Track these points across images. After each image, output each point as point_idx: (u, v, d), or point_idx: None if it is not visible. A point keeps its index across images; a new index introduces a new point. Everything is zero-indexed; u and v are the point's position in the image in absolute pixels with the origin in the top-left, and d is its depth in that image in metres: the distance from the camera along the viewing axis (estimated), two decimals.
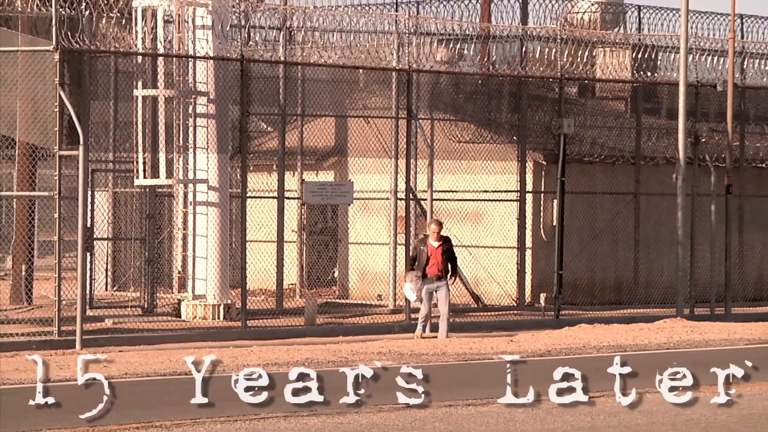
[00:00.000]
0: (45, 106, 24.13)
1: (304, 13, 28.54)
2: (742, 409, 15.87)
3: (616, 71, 32.06)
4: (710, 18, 32.60)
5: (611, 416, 15.19)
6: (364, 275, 31.67)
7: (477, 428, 14.35)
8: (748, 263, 32.67)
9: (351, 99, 31.15)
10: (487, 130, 30.75)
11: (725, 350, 23.55)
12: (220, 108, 26.60)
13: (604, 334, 25.44)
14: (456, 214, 30.26)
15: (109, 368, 19.63)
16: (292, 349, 22.60)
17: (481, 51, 31.10)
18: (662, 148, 31.76)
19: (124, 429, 13.90)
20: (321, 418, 14.77)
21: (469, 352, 22.36)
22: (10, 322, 25.23)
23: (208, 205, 26.54)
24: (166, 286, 28.89)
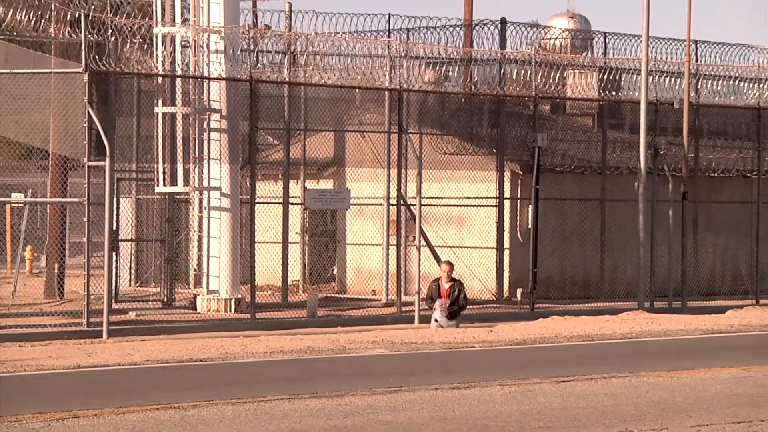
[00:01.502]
0: (75, 121, 24.14)
1: (306, 39, 28.57)
2: (697, 392, 15.89)
3: (585, 91, 32.10)
4: (668, 43, 32.66)
5: (580, 398, 15.20)
6: (360, 272, 31.71)
7: (460, 409, 14.35)
8: (701, 262, 32.70)
9: (348, 115, 31.20)
10: (470, 143, 30.79)
11: (682, 339, 23.56)
12: (232, 123, 26.61)
13: (573, 325, 25.45)
14: (442, 218, 30.31)
15: (132, 356, 19.66)
16: (295, 338, 22.60)
17: (464, 73, 31.13)
18: (625, 160, 31.79)
19: (146, 410, 13.88)
20: (321, 400, 14.77)
21: (454, 341, 22.35)
22: (44, 314, 25.25)
23: (221, 210, 26.56)
24: (183, 282, 28.89)
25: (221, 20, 26.37)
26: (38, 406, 14.03)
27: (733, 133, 33.83)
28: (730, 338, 23.68)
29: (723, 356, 20.03)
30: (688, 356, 20.29)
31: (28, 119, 25.79)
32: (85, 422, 13.14)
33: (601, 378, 17.01)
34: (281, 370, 18.39)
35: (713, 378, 17.26)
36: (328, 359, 19.74)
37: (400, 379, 16.72)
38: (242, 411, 13.93)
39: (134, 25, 25.85)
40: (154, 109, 26.26)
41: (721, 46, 33.78)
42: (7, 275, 33.53)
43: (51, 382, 16.81)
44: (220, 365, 18.83)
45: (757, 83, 33.65)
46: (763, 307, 30.78)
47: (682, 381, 16.92)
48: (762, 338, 23.88)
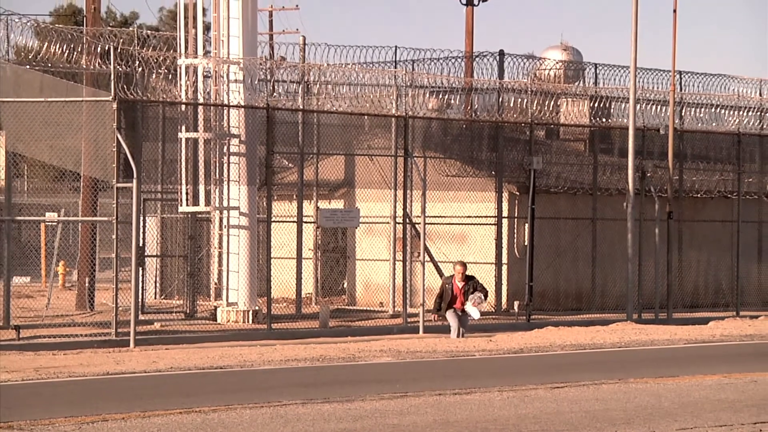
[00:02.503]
0: (105, 146, 24.18)
1: (319, 70, 28.62)
2: (682, 397, 15.87)
3: (577, 118, 32.11)
4: (654, 73, 32.69)
5: (573, 403, 15.18)
6: (368, 286, 31.70)
7: (462, 413, 14.34)
8: (686, 276, 32.67)
9: (358, 140, 31.23)
10: (470, 166, 30.81)
11: (668, 348, 23.54)
12: (250, 148, 26.65)
13: (567, 335, 25.44)
14: (444, 235, 30.31)
15: (157, 363, 19.66)
16: (309, 347, 22.60)
17: (465, 101, 31.17)
18: (615, 181, 31.79)
19: (170, 414, 13.89)
20: (333, 404, 14.78)
21: (455, 350, 22.35)
22: (76, 325, 25.27)
23: (240, 228, 26.57)
24: (204, 295, 28.89)
25: (240, 52, 26.43)
26: (70, 410, 14.05)
27: (714, 157, 33.84)
28: (713, 347, 23.65)
29: (706, 364, 20.02)
30: (673, 364, 20.29)
31: (61, 144, 25.84)
32: (114, 425, 13.15)
33: (592, 384, 17.00)
34: (295, 376, 18.39)
35: (697, 384, 17.25)
36: (339, 367, 19.74)
37: (406, 385, 16.73)
38: (259, 415, 13.93)
39: (160, 57, 25.91)
40: (178, 134, 26.31)
41: (703, 76, 33.83)
42: (42, 288, 33.59)
43: (82, 387, 16.82)
44: (239, 372, 18.84)
45: (737, 111, 33.66)
46: (743, 318, 30.76)
47: (668, 387, 16.91)
48: (742, 347, 23.85)
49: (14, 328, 23.24)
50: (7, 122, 24.49)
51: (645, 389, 16.64)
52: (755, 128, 33.82)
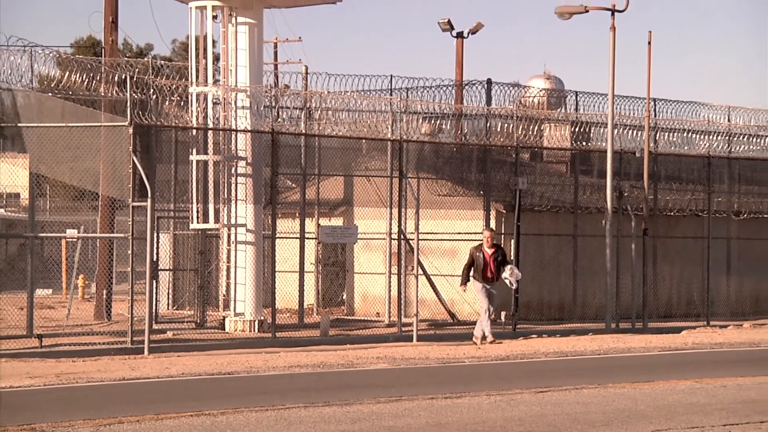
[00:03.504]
0: (121, 168, 24.19)
1: (320, 97, 28.65)
2: (657, 401, 15.86)
3: (559, 141, 32.15)
4: (631, 101, 32.76)
5: (556, 406, 15.17)
6: (365, 297, 31.70)
7: (453, 416, 14.33)
8: (660, 289, 32.69)
9: (356, 162, 31.27)
10: (460, 186, 30.84)
11: (643, 355, 23.52)
12: (256, 169, 26.66)
13: (550, 343, 25.44)
14: (436, 250, 30.32)
15: (170, 369, 19.64)
16: (310, 354, 22.59)
17: (456, 126, 31.22)
18: (594, 201, 31.82)
19: (181, 416, 13.87)
20: (332, 407, 14.76)
21: (447, 357, 22.33)
22: (94, 333, 25.25)
23: (246, 244, 26.57)
24: (213, 306, 28.90)
25: (247, 81, 26.47)
26: (89, 414, 14.03)
27: (686, 178, 33.89)
28: (685, 355, 23.65)
29: (679, 370, 20.00)
30: (648, 370, 20.28)
31: (81, 166, 25.85)
32: (129, 427, 13.14)
33: (573, 389, 16.99)
34: (298, 381, 18.37)
35: (671, 389, 17.24)
36: (338, 372, 19.72)
37: (401, 389, 16.72)
38: (264, 417, 13.92)
39: (172, 85, 25.93)
40: (189, 157, 26.33)
41: (676, 103, 33.91)
42: (63, 300, 33.61)
43: (100, 392, 16.80)
44: (245, 377, 18.82)
45: (707, 135, 33.72)
46: (713, 328, 30.78)
47: (644, 391, 16.90)
48: (712, 355, 23.84)
49: (37, 337, 23.23)
50: (31, 146, 24.49)
51: (622, 393, 16.64)
52: (724, 151, 33.88)
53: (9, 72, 24.09)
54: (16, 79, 24.27)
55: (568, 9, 29.60)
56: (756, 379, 18.59)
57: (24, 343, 23.07)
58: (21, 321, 24.34)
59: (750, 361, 22.32)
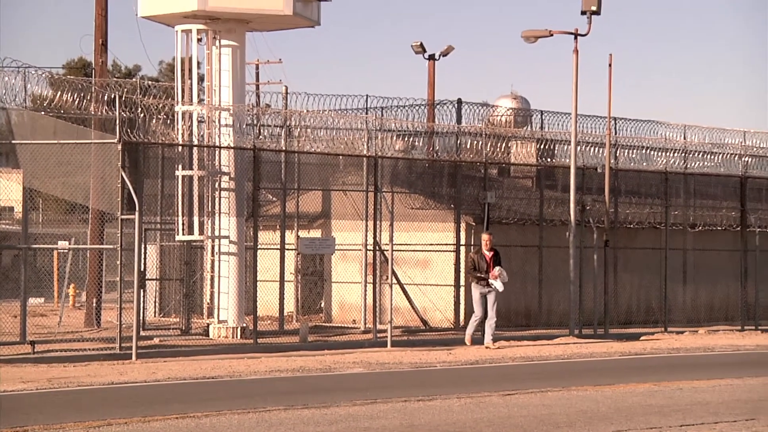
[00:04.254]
0: (110, 182, 24.13)
1: (299, 116, 28.66)
2: (618, 403, 15.90)
3: (525, 158, 32.24)
4: (593, 119, 32.88)
5: (522, 408, 15.19)
6: (342, 305, 31.68)
7: (425, 417, 14.33)
8: (621, 297, 32.78)
9: (333, 177, 31.26)
10: (432, 200, 30.87)
11: (605, 360, 23.57)
12: (238, 184, 26.63)
13: (517, 348, 25.46)
14: (409, 260, 30.34)
15: (156, 374, 19.57)
16: (290, 359, 22.55)
17: (428, 143, 31.26)
18: (559, 214, 31.90)
19: (167, 419, 13.83)
20: (311, 410, 14.74)
21: (419, 362, 22.33)
22: (84, 340, 25.14)
23: (229, 255, 26.53)
24: (198, 314, 28.81)
25: (230, 100, 26.45)
26: (79, 416, 13.98)
27: (645, 192, 34.01)
28: (644, 359, 23.72)
29: (638, 374, 20.06)
30: (610, 374, 20.32)
31: (72, 181, 25.78)
32: (117, 429, 13.09)
33: (539, 392, 17.01)
34: (278, 385, 18.34)
35: (630, 391, 17.28)
36: (316, 377, 19.70)
37: (376, 392, 16.70)
38: (246, 419, 13.89)
39: (159, 104, 25.91)
40: (175, 172, 26.28)
41: (635, 121, 34.05)
42: (54, 308, 33.48)
43: (89, 396, 16.74)
44: (228, 382, 18.77)
45: (665, 152, 33.87)
46: (671, 334, 30.90)
47: (605, 394, 16.93)
48: (669, 359, 23.92)
49: (30, 343, 23.13)
50: (24, 162, 24.41)
51: (585, 396, 16.67)
52: (680, 167, 34.03)
53: (3, 92, 24.05)
54: (11, 99, 24.22)
55: (534, 33, 29.72)
56: (710, 382, 18.66)
57: (17, 349, 22.97)
58: (14, 328, 24.24)
59: (704, 365, 22.40)
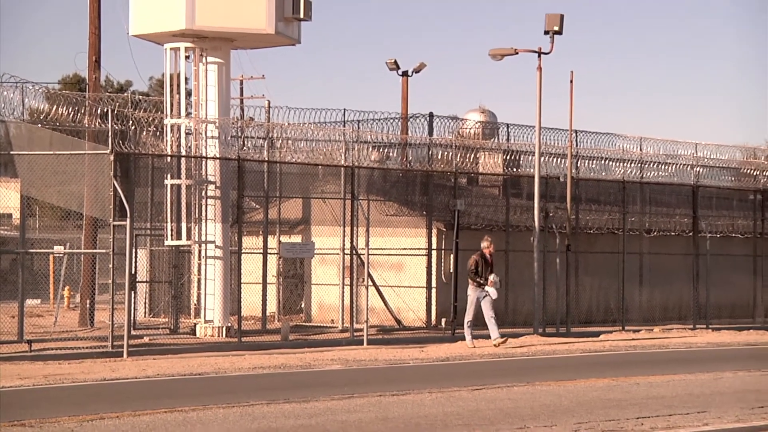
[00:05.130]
0: (103, 191, 24.05)
1: (281, 128, 28.61)
2: (579, 397, 15.92)
3: (492, 168, 32.29)
4: (555, 132, 32.95)
5: (490, 402, 15.20)
6: (321, 306, 31.65)
7: (398, 410, 14.33)
8: (581, 298, 32.85)
9: (313, 186, 31.25)
10: (406, 207, 30.89)
11: (567, 357, 23.61)
12: (224, 192, 26.59)
13: (485, 346, 25.47)
14: (384, 264, 30.33)
15: (146, 371, 19.50)
16: (272, 357, 22.52)
17: (401, 154, 31.27)
18: (524, 220, 31.97)
19: (156, 413, 13.78)
20: (292, 404, 14.72)
21: (393, 359, 22.33)
22: (78, 339, 25.04)
23: (215, 259, 26.46)
24: (186, 314, 28.72)
25: (216, 113, 26.41)
26: (73, 411, 13.92)
27: (604, 200, 34.13)
28: (603, 356, 23.78)
29: (598, 370, 20.11)
30: (571, 370, 20.36)
31: (67, 189, 25.67)
32: (110, 423, 13.04)
33: (505, 386, 17.03)
34: (261, 381, 18.30)
35: (591, 386, 17.32)
36: (297, 373, 19.67)
37: (353, 388, 16.70)
38: (231, 413, 13.85)
39: (149, 117, 25.83)
40: (164, 181, 26.21)
41: (595, 134, 34.16)
42: (50, 309, 33.31)
43: (83, 391, 16.67)
44: (214, 378, 18.73)
45: (622, 162, 33.99)
46: (628, 332, 30.99)
47: (567, 389, 16.97)
48: (627, 356, 23.99)
49: (27, 342, 23.02)
50: (22, 171, 24.31)
51: (548, 391, 16.70)
52: (636, 177, 34.16)
53: (2, 106, 23.96)
54: (9, 112, 24.12)
55: (500, 51, 29.81)
56: (665, 377, 18.73)
57: (15, 347, 22.85)
58: (12, 328, 24.11)
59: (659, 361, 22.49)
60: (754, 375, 19.40)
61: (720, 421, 13.68)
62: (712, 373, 19.55)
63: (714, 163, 36.39)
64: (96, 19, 29.14)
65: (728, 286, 35.64)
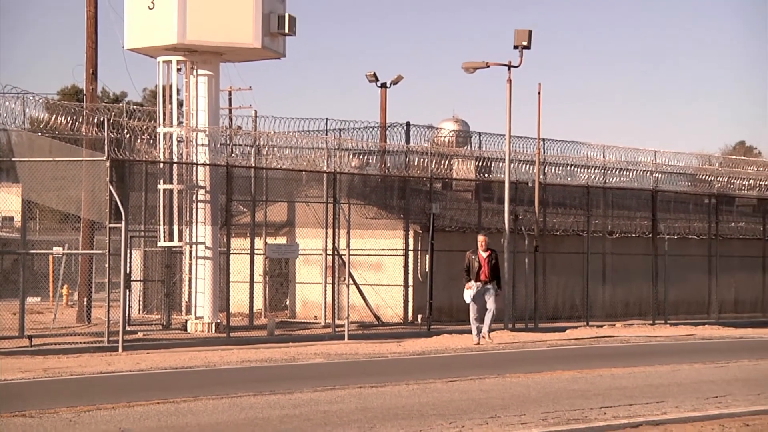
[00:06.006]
0: (100, 195, 23.98)
1: (267, 136, 28.59)
2: (546, 388, 15.94)
3: (466, 173, 32.34)
4: (524, 140, 33.05)
5: (463, 393, 15.21)
6: (305, 303, 31.62)
7: (377, 401, 14.31)
8: (549, 295, 32.93)
9: (297, 190, 31.23)
10: (384, 210, 30.91)
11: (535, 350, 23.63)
12: (213, 196, 26.54)
13: (458, 340, 25.48)
14: (364, 263, 30.34)
15: (140, 364, 19.43)
16: (259, 351, 22.46)
17: (380, 160, 31.29)
18: (495, 222, 32.03)
19: (149, 404, 13.72)
20: (277, 395, 14.68)
21: (373, 353, 22.30)
22: (76, 334, 24.94)
23: (205, 259, 26.42)
24: (177, 311, 28.68)
25: (206, 123, 26.37)
26: (71, 402, 13.85)
27: (569, 204, 34.23)
28: (569, 350, 23.81)
29: (564, 362, 20.13)
30: (539, 362, 20.38)
31: (65, 194, 25.58)
32: (105, 413, 12.98)
33: (477, 378, 17.03)
34: (248, 374, 18.26)
35: (557, 378, 17.34)
36: (282, 366, 19.63)
37: (334, 380, 16.67)
38: (220, 404, 13.81)
39: (143, 126, 25.77)
40: (157, 186, 26.16)
41: (561, 142, 34.27)
42: (50, 306, 33.16)
43: (80, 384, 16.59)
44: (204, 371, 18.67)
45: (586, 169, 34.10)
46: (592, 327, 31.02)
47: (535, 380, 16.98)
48: (591, 350, 24.03)
49: (27, 338, 22.93)
50: (23, 177, 24.21)
51: (518, 382, 16.71)
52: (600, 182, 34.27)
53: (5, 115, 23.88)
54: (11, 121, 24.02)
55: (473, 64, 29.88)
56: (626, 369, 18.76)
57: (16, 343, 22.75)
58: (14, 324, 24.01)
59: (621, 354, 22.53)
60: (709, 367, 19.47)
61: (677, 411, 13.73)
62: (670, 365, 19.61)
63: (672, 170, 36.56)
64: (93, 34, 29.06)
65: (685, 285, 35.80)
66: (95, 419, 12.57)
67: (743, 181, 38.48)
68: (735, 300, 37.75)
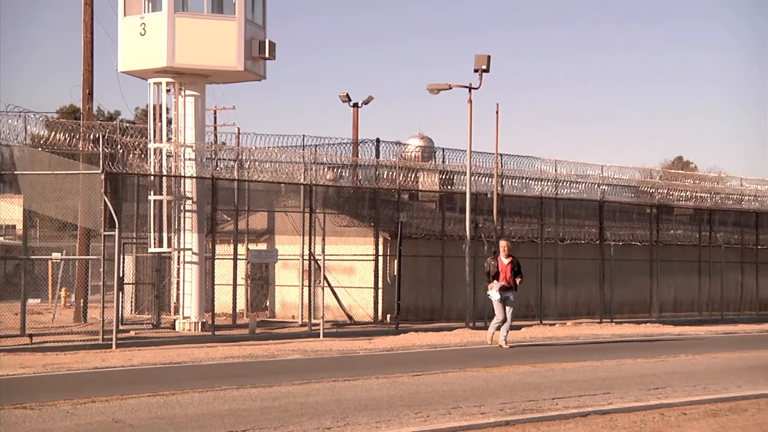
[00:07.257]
0: (95, 205, 23.86)
1: (249, 151, 28.54)
2: (504, 381, 15.97)
3: (430, 186, 32.39)
4: (484, 155, 33.15)
5: (428, 386, 15.23)
6: (284, 304, 31.55)
7: (349, 393, 14.31)
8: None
9: (277, 201, 31.17)
10: (356, 219, 30.91)
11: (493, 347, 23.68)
12: (200, 206, 26.46)
13: (424, 338, 25.52)
14: (338, 268, 30.31)
15: (132, 360, 19.32)
16: (241, 348, 22.39)
17: (353, 173, 31.29)
18: (457, 230, 32.09)
19: (141, 396, 13.66)
20: (258, 389, 14.65)
21: (345, 349, 22.29)
22: (73, 333, 24.77)
23: (192, 264, 26.33)
24: (167, 311, 28.53)
25: (193, 139, 26.30)
26: (68, 395, 13.77)
27: (525, 213, 34.33)
28: (524, 346, 23.87)
29: (519, 357, 20.20)
30: (497, 357, 20.43)
31: (63, 204, 25.43)
32: (100, 405, 12.91)
33: (441, 372, 17.07)
34: (231, 369, 18.20)
35: (513, 372, 17.40)
36: (262, 362, 19.58)
37: (310, 374, 16.66)
38: (205, 396, 13.77)
39: (135, 142, 25.68)
40: (148, 197, 26.05)
41: (517, 157, 34.39)
42: (49, 307, 32.92)
43: (77, 378, 16.49)
44: (191, 366, 18.60)
45: (540, 181, 34.24)
46: (545, 326, 31.13)
47: (494, 374, 17.03)
48: (544, 346, 24.10)
49: (28, 336, 22.76)
50: (24, 189, 24.07)
51: (478, 376, 16.75)
52: (552, 194, 34.41)
53: (8, 132, 23.75)
54: (13, 137, 23.88)
55: (437, 86, 29.98)
56: (576, 364, 18.85)
57: (18, 341, 22.57)
58: (16, 323, 23.83)
59: (571, 350, 22.63)
60: (651, 361, 19.60)
61: (622, 401, 13.81)
62: (615, 360, 19.72)
63: (617, 182, 36.76)
64: (89, 58, 28.94)
65: (629, 287, 36.00)
66: (90, 411, 12.50)
67: (681, 192, 38.79)
68: (674, 300, 37.99)
